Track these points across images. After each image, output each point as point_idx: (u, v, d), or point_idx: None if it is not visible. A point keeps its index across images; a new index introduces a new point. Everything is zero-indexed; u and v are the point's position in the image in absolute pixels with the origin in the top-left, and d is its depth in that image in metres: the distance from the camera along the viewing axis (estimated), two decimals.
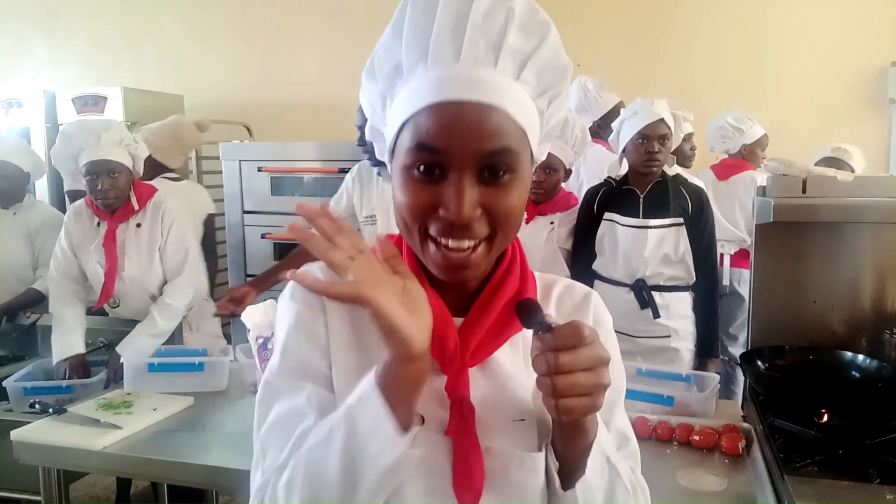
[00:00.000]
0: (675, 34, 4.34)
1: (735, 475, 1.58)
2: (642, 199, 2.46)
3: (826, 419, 1.69)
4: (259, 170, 3.72)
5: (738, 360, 2.04)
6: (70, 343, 2.42)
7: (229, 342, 2.98)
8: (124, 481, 3.00)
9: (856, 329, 2.03)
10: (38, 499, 1.92)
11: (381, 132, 0.79)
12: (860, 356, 1.92)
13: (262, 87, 4.92)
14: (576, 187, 3.10)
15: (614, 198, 2.50)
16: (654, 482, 0.86)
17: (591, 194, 2.58)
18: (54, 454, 1.81)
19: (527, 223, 2.55)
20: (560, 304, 0.86)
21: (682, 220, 2.42)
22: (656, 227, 2.42)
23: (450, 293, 0.78)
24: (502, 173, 0.69)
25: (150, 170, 3.07)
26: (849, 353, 1.94)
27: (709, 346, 2.50)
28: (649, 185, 2.46)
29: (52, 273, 2.62)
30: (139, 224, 2.60)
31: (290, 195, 3.68)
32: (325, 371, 0.79)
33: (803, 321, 2.06)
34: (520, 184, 0.72)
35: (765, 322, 2.10)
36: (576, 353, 0.63)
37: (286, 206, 3.67)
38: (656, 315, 2.41)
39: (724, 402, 2.10)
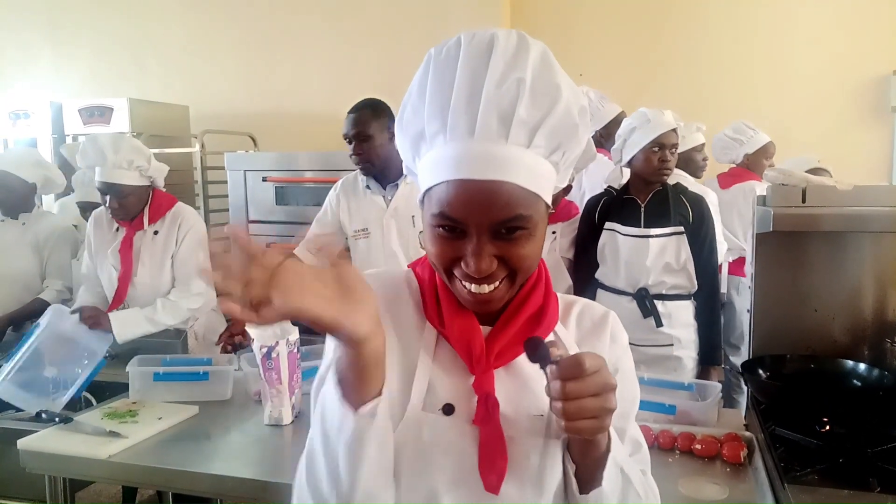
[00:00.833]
0: (676, 44, 4.37)
1: (737, 484, 1.58)
2: (643, 209, 2.47)
3: (827, 428, 1.69)
4: (264, 179, 3.75)
5: (740, 370, 2.04)
6: (86, 300, 2.58)
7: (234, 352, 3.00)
8: (130, 490, 3.01)
9: (857, 338, 2.03)
10: None
11: (415, 174, 0.88)
12: (861, 365, 1.92)
13: (266, 98, 4.96)
14: (578, 196, 3.12)
15: (615, 207, 2.52)
16: None
17: (591, 204, 2.59)
18: (60, 463, 1.82)
19: None
20: (579, 322, 0.93)
21: (682, 229, 2.43)
22: (657, 235, 2.43)
23: None
24: (515, 230, 0.79)
25: None
26: (850, 362, 1.94)
27: (711, 354, 2.51)
28: (650, 195, 2.47)
29: (80, 282, 2.76)
30: (156, 232, 2.65)
31: (296, 205, 3.71)
32: None
33: (804, 330, 2.06)
34: (533, 236, 0.80)
35: (766, 331, 2.10)
36: (582, 382, 0.71)
37: (291, 215, 3.70)
38: (659, 324, 2.42)
39: (726, 410, 2.10)
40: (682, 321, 2.47)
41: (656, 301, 2.44)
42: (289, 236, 3.60)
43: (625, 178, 2.58)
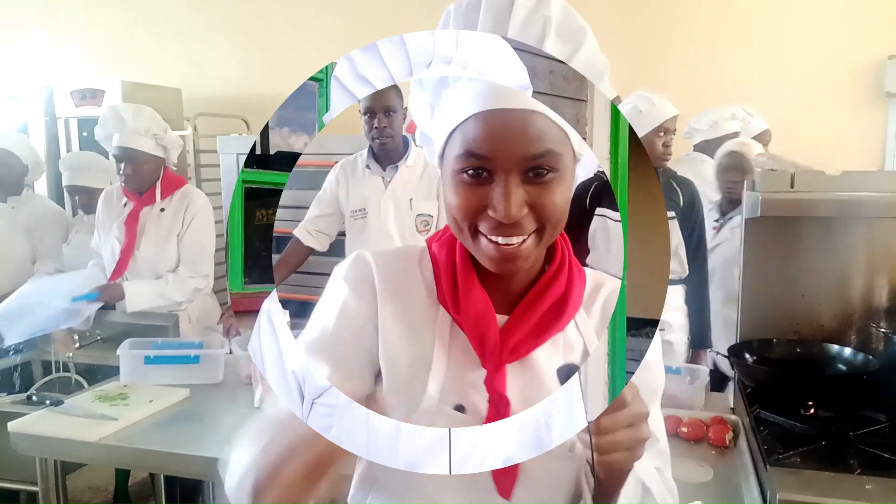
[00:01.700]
0: (670, 27, 4.34)
1: (722, 466, 1.60)
2: None
3: (812, 411, 1.71)
4: None
5: (727, 354, 2.06)
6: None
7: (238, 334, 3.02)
8: (122, 472, 3.02)
9: (844, 323, 2.05)
10: (36, 489, 1.95)
11: (430, 137, 0.82)
12: (847, 349, 1.94)
13: (260, 81, 4.91)
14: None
15: (606, 193, 2.52)
16: None
17: (581, 189, 2.59)
18: (51, 445, 1.83)
19: None
20: (605, 308, 0.87)
21: (673, 214, 2.44)
22: None
23: (499, 290, 0.81)
24: (546, 172, 0.73)
25: None
26: (836, 347, 1.96)
27: (702, 337, 2.53)
28: None
29: (72, 264, 2.86)
30: (163, 209, 2.68)
31: (290, 189, 3.70)
32: (351, 363, 0.82)
33: (792, 315, 2.08)
34: (563, 181, 0.74)
35: (754, 315, 2.12)
36: (616, 415, 0.67)
37: (285, 199, 3.67)
38: None
39: (714, 394, 2.12)
40: (673, 305, 2.49)
41: None
42: (281, 220, 3.59)
43: None
